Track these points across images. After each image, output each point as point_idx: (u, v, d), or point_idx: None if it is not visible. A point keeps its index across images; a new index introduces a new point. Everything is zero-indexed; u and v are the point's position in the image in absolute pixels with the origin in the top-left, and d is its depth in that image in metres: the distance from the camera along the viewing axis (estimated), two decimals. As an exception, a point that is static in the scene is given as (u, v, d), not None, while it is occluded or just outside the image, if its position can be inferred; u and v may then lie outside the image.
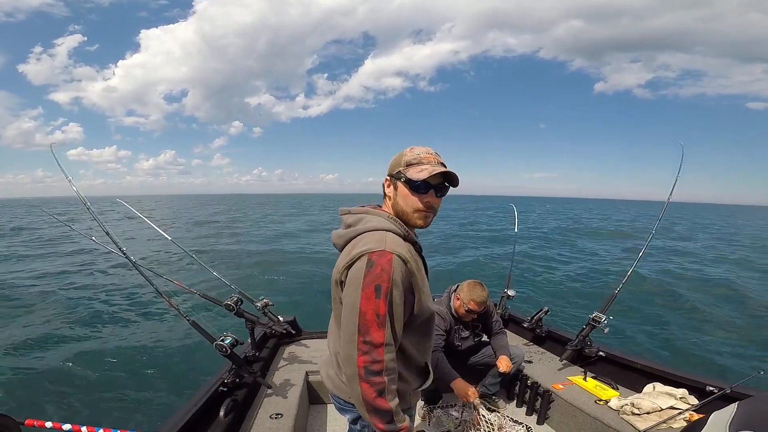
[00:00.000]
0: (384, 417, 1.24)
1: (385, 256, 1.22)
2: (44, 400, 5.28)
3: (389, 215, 1.37)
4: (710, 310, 9.51)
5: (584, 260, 16.95)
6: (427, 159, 1.32)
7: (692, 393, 2.65)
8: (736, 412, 1.46)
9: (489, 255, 18.25)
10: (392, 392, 1.25)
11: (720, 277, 13.46)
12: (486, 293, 2.99)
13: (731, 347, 7.19)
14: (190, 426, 2.20)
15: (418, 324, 1.37)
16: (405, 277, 1.24)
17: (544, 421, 3.06)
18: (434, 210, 1.37)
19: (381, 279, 1.20)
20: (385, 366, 1.21)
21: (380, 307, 1.19)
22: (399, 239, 1.30)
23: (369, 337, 1.20)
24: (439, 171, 1.29)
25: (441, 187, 1.35)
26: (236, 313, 3.11)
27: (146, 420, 4.76)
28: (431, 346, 1.49)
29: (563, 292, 11.56)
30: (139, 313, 9.24)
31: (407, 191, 1.33)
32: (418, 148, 1.36)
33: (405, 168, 1.33)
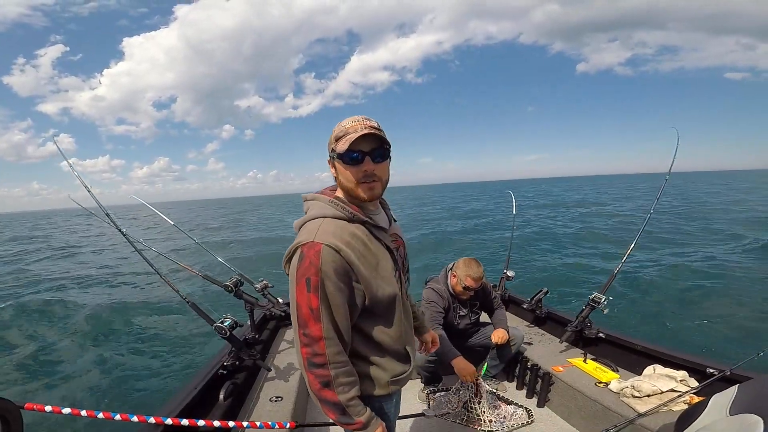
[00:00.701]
0: (334, 408, 1.23)
1: (314, 247, 1.18)
2: (43, 384, 5.33)
3: (331, 199, 1.31)
4: (709, 290, 9.51)
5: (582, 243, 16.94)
6: (353, 128, 1.23)
7: (692, 375, 2.65)
8: (736, 394, 1.46)
9: (487, 237, 18.28)
10: (344, 384, 1.22)
11: (717, 255, 13.44)
12: (482, 269, 3.00)
13: (731, 328, 7.20)
14: (189, 409, 2.20)
15: (380, 310, 1.33)
16: (339, 266, 1.19)
17: (545, 403, 3.07)
18: (377, 177, 1.28)
19: (309, 272, 1.17)
20: (328, 359, 1.19)
21: (312, 301, 1.17)
22: (336, 224, 1.25)
23: (307, 330, 1.19)
24: (360, 134, 1.20)
25: (378, 152, 1.25)
26: (235, 294, 3.10)
27: (146, 403, 4.80)
28: (405, 329, 1.43)
29: (562, 272, 11.58)
30: (138, 295, 9.30)
31: (342, 167, 1.26)
32: (345, 120, 1.27)
33: (335, 144, 1.25)
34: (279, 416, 2.42)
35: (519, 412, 2.95)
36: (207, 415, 2.33)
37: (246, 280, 3.39)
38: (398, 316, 1.38)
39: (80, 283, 10.62)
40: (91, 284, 10.39)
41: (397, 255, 1.42)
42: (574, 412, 2.82)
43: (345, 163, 1.25)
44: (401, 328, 1.40)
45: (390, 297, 1.32)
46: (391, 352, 1.38)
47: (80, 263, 13.18)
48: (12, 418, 1.54)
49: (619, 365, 3.03)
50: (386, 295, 1.30)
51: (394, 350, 1.39)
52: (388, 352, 1.38)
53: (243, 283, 3.22)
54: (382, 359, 1.37)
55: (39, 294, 9.77)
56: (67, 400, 4.86)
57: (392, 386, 1.40)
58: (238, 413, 2.48)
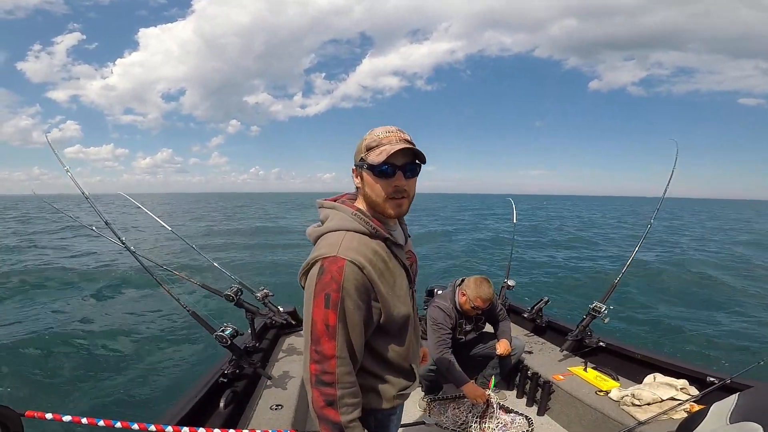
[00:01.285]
0: (332, 428, 1.17)
1: (337, 262, 1.13)
2: (43, 392, 5.30)
3: (354, 211, 1.25)
4: (710, 300, 9.51)
5: (584, 250, 16.94)
6: (387, 139, 1.18)
7: (693, 384, 2.65)
8: (736, 403, 1.46)
9: (488, 246, 18.27)
10: (348, 405, 1.16)
11: (717, 266, 13.44)
12: (492, 290, 2.96)
13: (731, 337, 7.18)
14: (190, 417, 2.19)
15: (393, 329, 1.30)
16: (361, 284, 1.14)
17: (545, 411, 3.06)
18: (407, 194, 1.23)
19: (330, 288, 1.11)
20: (337, 379, 1.14)
21: (329, 318, 1.12)
22: (360, 239, 1.21)
23: (320, 347, 1.13)
24: (398, 148, 1.14)
25: (410, 167, 1.20)
26: (236, 304, 3.10)
27: (146, 411, 4.77)
28: (413, 348, 1.41)
29: (563, 282, 11.56)
30: (138, 305, 9.26)
31: (371, 179, 1.20)
32: (378, 129, 1.22)
33: (366, 153, 1.19)
34: (279, 424, 2.42)
35: (519, 421, 2.94)
36: (207, 422, 2.32)
37: (246, 289, 3.39)
38: (409, 335, 1.37)
39: (77, 290, 10.58)
40: (89, 291, 10.34)
41: (411, 272, 1.40)
42: (575, 421, 2.82)
43: (375, 175, 1.19)
44: (410, 346, 1.39)
45: (404, 317, 1.30)
46: (398, 368, 1.36)
47: (75, 268, 13.14)
48: (12, 426, 1.54)
49: (619, 374, 3.02)
50: (401, 314, 1.28)
51: (401, 367, 1.37)
52: (395, 369, 1.36)
53: (243, 291, 3.21)
54: (390, 375, 1.35)
55: (36, 300, 9.73)
56: (68, 407, 4.83)
57: (397, 400, 1.39)
58: (239, 421, 2.47)
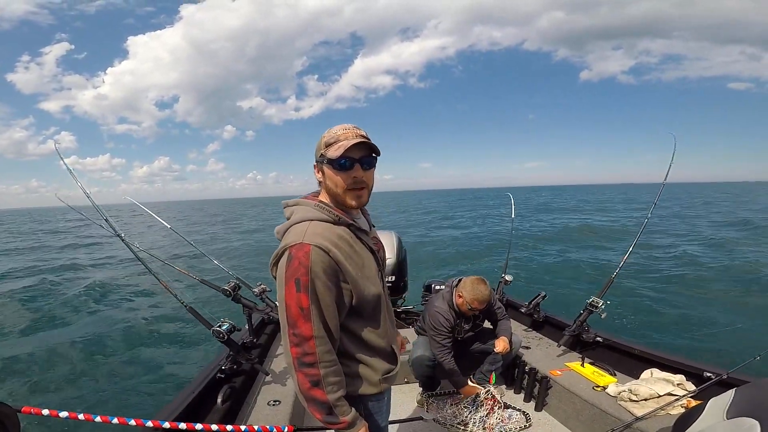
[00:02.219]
0: (321, 408, 1.25)
1: (303, 248, 1.20)
2: (41, 388, 5.30)
3: (316, 203, 1.34)
4: (707, 294, 9.54)
5: (579, 247, 16.97)
6: (344, 135, 1.28)
7: (690, 379, 2.66)
8: (733, 398, 1.46)
9: (486, 240, 18.30)
10: (333, 384, 1.25)
11: (714, 259, 13.46)
12: (489, 290, 2.92)
13: (728, 332, 7.21)
14: (187, 413, 2.20)
15: (367, 309, 1.37)
16: (328, 266, 1.22)
17: (542, 407, 3.07)
18: (366, 184, 1.33)
19: (299, 272, 1.19)
20: (318, 358, 1.21)
21: (302, 301, 1.19)
22: (324, 226, 1.28)
23: (297, 330, 1.21)
24: (354, 142, 1.25)
25: (366, 160, 1.30)
26: (233, 299, 3.10)
27: (144, 407, 4.78)
28: (389, 328, 1.47)
29: (560, 276, 11.59)
30: (136, 300, 9.27)
31: (332, 172, 1.30)
32: (336, 127, 1.32)
33: (325, 149, 1.29)
34: (277, 420, 2.42)
35: (517, 416, 2.95)
36: (205, 418, 2.32)
37: (244, 284, 3.38)
38: (383, 315, 1.43)
39: (75, 286, 10.58)
40: (87, 287, 10.34)
41: (378, 257, 1.47)
42: (572, 416, 2.82)
43: (335, 168, 1.29)
44: (386, 327, 1.45)
45: (375, 296, 1.36)
46: (378, 350, 1.42)
47: (75, 265, 13.15)
48: (9, 422, 1.53)
49: (616, 369, 3.03)
50: (372, 294, 1.34)
51: (380, 348, 1.42)
52: (375, 351, 1.41)
53: (241, 287, 3.21)
54: (371, 358, 1.41)
55: (33, 297, 9.73)
56: (65, 403, 4.83)
57: (383, 384, 1.44)
58: (236, 417, 2.47)
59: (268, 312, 3.69)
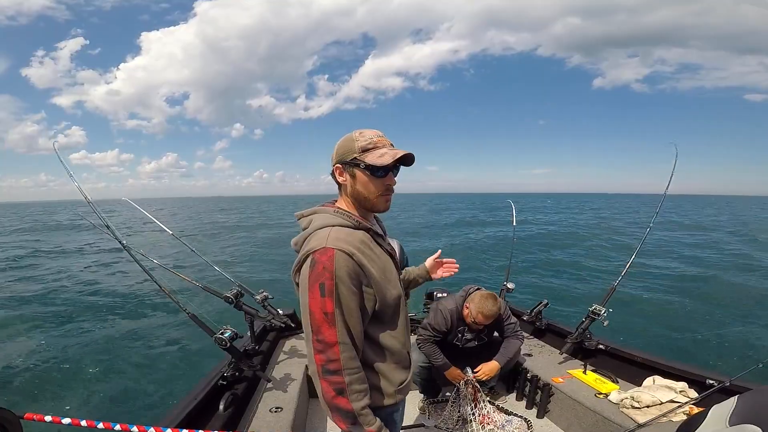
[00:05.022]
0: (346, 417, 1.22)
1: (327, 253, 1.19)
2: (43, 395, 5.29)
3: (336, 209, 1.36)
4: (709, 302, 9.51)
5: (582, 253, 16.94)
6: (381, 142, 1.31)
7: (692, 386, 2.65)
8: (735, 405, 1.46)
9: (488, 247, 18.27)
10: (357, 392, 1.22)
11: (716, 268, 13.44)
12: (497, 308, 2.88)
13: (730, 339, 7.19)
14: (189, 420, 2.19)
15: (388, 314, 1.36)
16: (353, 270, 1.21)
17: (544, 414, 3.06)
18: (392, 191, 1.37)
19: (324, 277, 1.17)
20: (342, 366, 1.19)
21: (327, 306, 1.18)
22: (345, 231, 1.29)
23: (321, 336, 1.19)
24: (401, 154, 1.28)
25: (396, 168, 1.35)
26: (235, 306, 3.10)
27: (146, 414, 4.77)
28: (407, 331, 1.46)
29: (562, 284, 11.56)
30: (138, 307, 9.27)
31: (367, 178, 1.31)
32: (368, 132, 1.33)
33: (361, 154, 1.29)
34: (279, 427, 2.42)
35: (518, 423, 2.94)
36: (207, 425, 2.32)
37: (246, 291, 3.38)
38: (402, 319, 1.43)
39: (76, 292, 10.58)
40: (88, 293, 10.35)
41: (396, 261, 1.47)
42: (574, 423, 2.82)
43: (374, 175, 1.31)
44: (406, 332, 1.45)
45: (396, 300, 1.37)
46: (396, 357, 1.40)
47: (75, 271, 13.17)
48: (12, 429, 1.54)
49: (618, 376, 3.03)
50: (393, 297, 1.35)
51: (399, 355, 1.41)
52: (393, 359, 1.39)
53: (243, 294, 3.21)
54: (388, 367, 1.39)
55: (35, 302, 9.73)
56: (67, 410, 4.83)
57: (398, 395, 1.43)
58: (238, 423, 2.47)
59: (270, 319, 3.68)
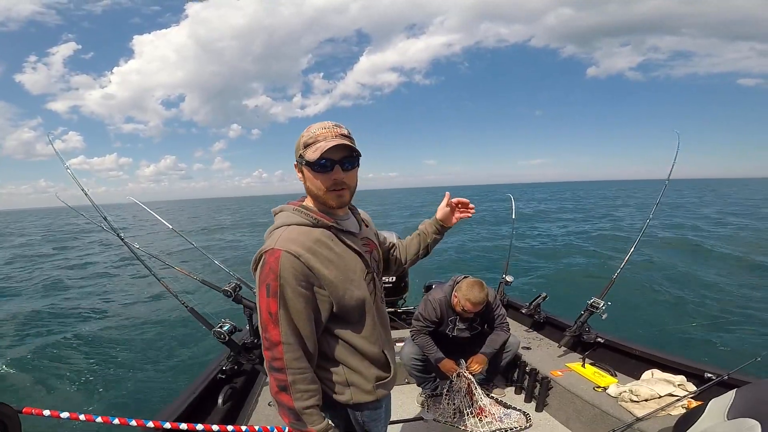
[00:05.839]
0: (288, 413, 1.25)
1: (274, 254, 1.19)
2: (41, 389, 5.30)
3: (295, 207, 1.33)
4: (708, 295, 9.52)
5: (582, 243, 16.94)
6: (322, 135, 1.23)
7: (690, 380, 2.66)
8: (734, 399, 1.46)
9: (487, 241, 18.27)
10: (302, 392, 1.23)
11: (715, 260, 13.44)
12: (485, 294, 2.89)
13: (729, 332, 7.20)
14: (188, 413, 2.20)
15: (351, 314, 1.33)
16: (300, 272, 1.19)
17: (543, 408, 3.07)
18: (346, 185, 1.29)
19: (269, 278, 1.18)
20: (285, 365, 1.20)
21: (271, 306, 1.18)
22: (300, 231, 1.26)
23: (267, 334, 1.21)
24: (332, 145, 1.20)
25: (347, 161, 1.26)
26: (234, 299, 3.10)
27: (144, 408, 4.78)
28: (379, 332, 1.42)
29: (561, 276, 11.56)
30: (137, 301, 9.27)
31: (311, 174, 1.27)
32: (315, 125, 1.27)
33: (304, 150, 1.25)
34: (277, 420, 2.40)
35: (517, 416, 2.95)
36: (206, 419, 2.33)
37: (245, 285, 3.38)
38: (370, 320, 1.38)
39: (75, 287, 10.59)
40: (88, 288, 10.36)
41: (369, 258, 1.42)
42: (573, 417, 2.82)
43: (314, 170, 1.25)
44: (376, 332, 1.40)
45: (359, 300, 1.32)
46: (368, 356, 1.38)
47: (75, 266, 13.18)
48: (10, 423, 1.54)
49: (617, 370, 3.03)
50: (355, 298, 1.31)
51: (372, 355, 1.38)
52: (365, 357, 1.38)
53: (242, 287, 3.21)
54: (361, 364, 1.37)
55: (33, 298, 9.74)
56: (66, 404, 4.84)
57: (379, 390, 1.41)
58: (237, 417, 2.48)
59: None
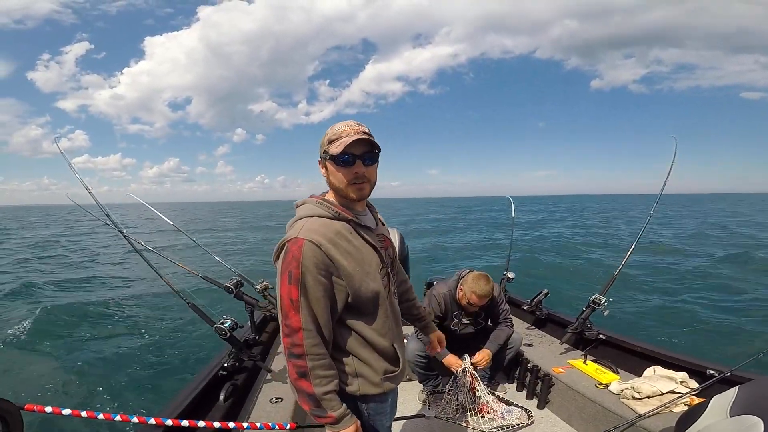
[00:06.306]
0: (308, 399, 1.29)
1: (297, 242, 1.25)
2: (43, 386, 5.31)
3: (318, 200, 1.38)
4: (710, 292, 9.51)
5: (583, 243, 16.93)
6: (345, 132, 1.31)
7: (693, 376, 2.65)
8: (736, 395, 1.46)
9: (488, 239, 18.26)
10: (321, 377, 1.28)
11: (716, 262, 13.43)
12: (490, 287, 2.90)
13: (732, 329, 7.19)
14: (189, 410, 2.20)
15: (365, 306, 1.38)
16: (320, 261, 1.25)
17: (545, 404, 3.07)
18: (367, 179, 1.36)
19: (291, 265, 1.23)
20: (305, 350, 1.25)
21: (292, 293, 1.23)
22: (321, 222, 1.32)
23: (288, 321, 1.26)
24: (354, 139, 1.27)
25: (368, 156, 1.33)
26: (235, 296, 3.09)
27: (146, 404, 4.79)
28: (390, 326, 1.46)
29: (563, 273, 11.56)
30: (138, 297, 9.28)
31: (334, 168, 1.33)
32: (338, 124, 1.35)
33: (328, 146, 1.32)
34: (279, 417, 2.42)
35: (519, 413, 2.95)
36: (207, 416, 2.33)
37: (246, 281, 3.38)
38: (383, 313, 1.42)
39: (78, 284, 10.61)
40: (90, 285, 10.38)
41: (385, 254, 1.46)
42: (575, 414, 2.82)
43: (337, 164, 1.32)
44: (387, 325, 1.44)
45: (374, 293, 1.37)
46: (379, 349, 1.42)
47: (79, 263, 13.20)
48: (12, 419, 1.54)
49: (619, 367, 3.03)
50: (370, 290, 1.36)
51: (382, 347, 1.42)
52: (375, 349, 1.42)
53: (243, 284, 3.21)
54: (371, 356, 1.41)
55: (37, 294, 9.76)
56: (67, 401, 4.85)
57: (386, 383, 1.44)
58: (239, 414, 2.48)
59: (271, 309, 3.69)
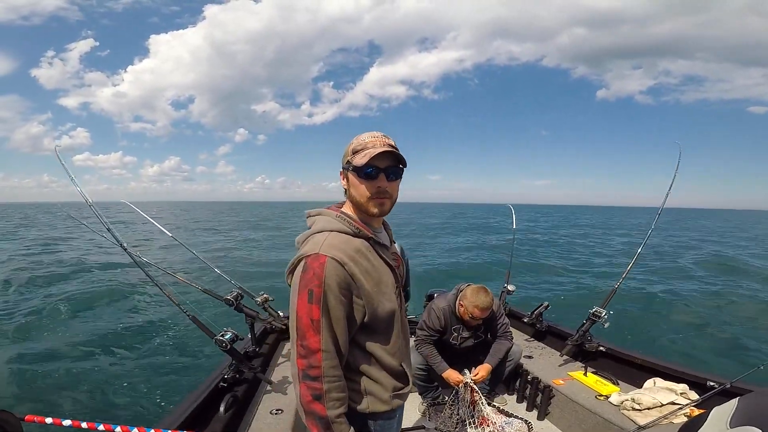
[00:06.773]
0: (319, 422, 1.20)
1: (319, 259, 1.18)
2: (43, 397, 5.28)
3: (338, 214, 1.32)
4: (711, 304, 9.50)
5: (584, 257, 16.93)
6: (371, 143, 1.25)
7: (693, 388, 2.65)
8: (736, 407, 1.46)
9: (489, 251, 18.27)
10: (335, 400, 1.20)
11: (719, 276, 13.43)
12: (490, 298, 2.90)
13: (731, 341, 7.17)
14: (190, 421, 2.19)
15: (379, 326, 1.33)
16: (343, 280, 1.19)
17: (545, 416, 3.06)
18: (389, 195, 1.30)
19: (313, 283, 1.17)
20: (323, 372, 1.18)
21: (313, 312, 1.17)
22: (342, 238, 1.26)
23: (305, 342, 1.18)
24: (380, 151, 1.21)
25: (392, 170, 1.27)
26: (236, 308, 3.10)
27: (146, 416, 4.76)
28: (401, 346, 1.43)
29: (563, 287, 11.54)
30: (138, 309, 9.24)
31: (357, 180, 1.27)
32: (364, 134, 1.29)
33: (352, 156, 1.26)
34: (279, 429, 2.42)
35: (519, 425, 2.93)
36: (207, 427, 2.32)
37: (246, 294, 3.38)
38: (396, 333, 1.39)
39: (77, 294, 10.57)
40: (88, 296, 10.33)
41: (397, 272, 1.43)
42: (575, 425, 2.81)
43: (360, 176, 1.26)
44: (398, 345, 1.41)
45: (390, 313, 1.33)
46: (387, 368, 1.38)
47: (75, 272, 13.15)
48: (13, 430, 1.54)
49: (619, 378, 3.02)
50: (386, 311, 1.31)
51: (390, 366, 1.38)
52: (385, 368, 1.37)
53: (243, 296, 3.21)
54: (381, 374, 1.37)
55: (34, 303, 9.71)
56: (68, 412, 4.82)
57: (395, 400, 1.40)
58: (239, 426, 2.47)
59: (271, 321, 3.68)
